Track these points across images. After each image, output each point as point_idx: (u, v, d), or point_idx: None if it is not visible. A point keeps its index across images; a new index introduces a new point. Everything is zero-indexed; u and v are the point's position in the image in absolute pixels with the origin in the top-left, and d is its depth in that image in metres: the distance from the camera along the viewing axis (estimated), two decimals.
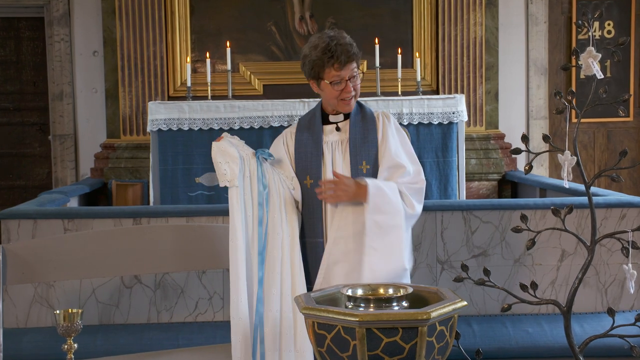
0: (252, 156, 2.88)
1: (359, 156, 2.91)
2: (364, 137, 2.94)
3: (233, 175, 2.80)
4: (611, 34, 6.71)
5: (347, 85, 2.88)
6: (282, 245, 2.85)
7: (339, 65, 2.85)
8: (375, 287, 2.33)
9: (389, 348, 2.06)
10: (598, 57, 2.27)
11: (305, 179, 2.93)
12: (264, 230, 2.84)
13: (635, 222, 4.06)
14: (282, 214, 2.87)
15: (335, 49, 2.84)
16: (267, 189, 2.86)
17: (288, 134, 3.03)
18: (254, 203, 2.85)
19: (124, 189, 5.99)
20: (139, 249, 3.29)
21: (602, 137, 6.87)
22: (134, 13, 6.16)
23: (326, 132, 2.97)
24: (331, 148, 2.95)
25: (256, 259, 2.83)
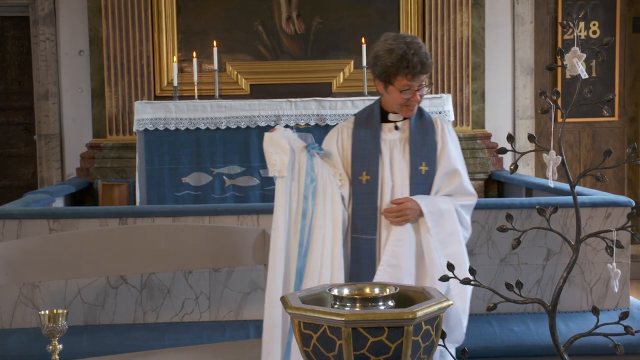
0: (302, 149, 2.91)
1: (419, 157, 2.93)
2: (424, 138, 2.96)
3: (282, 165, 2.83)
4: (596, 34, 6.75)
5: (415, 95, 2.90)
6: (324, 239, 2.86)
7: (412, 76, 2.85)
8: (361, 286, 2.33)
9: (374, 347, 2.06)
10: (583, 57, 2.28)
11: (360, 174, 2.94)
12: (307, 223, 2.86)
13: (619, 221, 4.08)
14: (326, 208, 2.88)
15: (412, 59, 2.84)
16: (315, 183, 2.88)
17: (344, 129, 3.04)
18: (300, 195, 2.87)
19: (110, 189, 5.96)
20: (125, 249, 3.28)
21: (587, 137, 6.90)
22: (120, 12, 6.14)
23: (384, 130, 2.99)
24: (389, 146, 2.97)
25: (296, 250, 2.86)
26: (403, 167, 2.93)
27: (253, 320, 3.98)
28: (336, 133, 3.04)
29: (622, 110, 6.91)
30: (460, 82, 6.27)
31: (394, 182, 2.92)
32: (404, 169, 2.93)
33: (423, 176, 2.91)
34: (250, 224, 4.00)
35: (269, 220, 4.00)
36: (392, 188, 2.92)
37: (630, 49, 6.87)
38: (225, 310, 4.03)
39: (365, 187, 2.92)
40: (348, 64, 6.40)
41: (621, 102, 6.89)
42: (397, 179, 2.93)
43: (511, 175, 2.73)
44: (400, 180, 2.92)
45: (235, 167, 5.56)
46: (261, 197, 5.51)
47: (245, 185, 5.54)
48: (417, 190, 2.91)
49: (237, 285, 4.03)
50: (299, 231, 2.86)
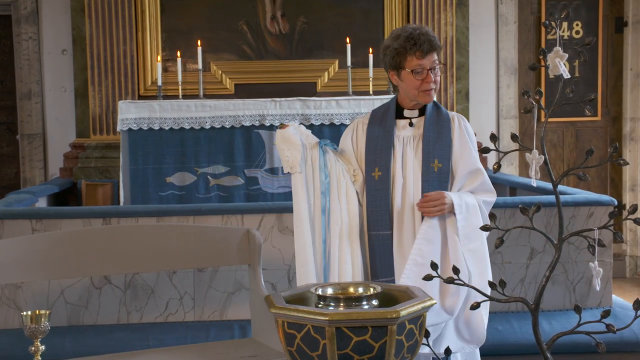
0: (315, 145, 2.91)
1: (432, 154, 2.91)
2: (438, 135, 2.94)
3: (295, 161, 2.84)
4: (579, 34, 6.79)
5: (428, 75, 2.88)
6: (341, 234, 2.87)
7: (420, 53, 2.85)
8: (345, 285, 2.33)
9: (358, 347, 2.06)
10: (565, 57, 2.29)
11: (373, 170, 2.93)
12: (326, 219, 2.87)
13: (602, 220, 4.11)
14: (341, 203, 2.89)
15: (419, 38, 2.85)
16: (328, 179, 2.88)
17: (359, 124, 3.04)
18: (317, 192, 2.88)
19: (93, 189, 5.93)
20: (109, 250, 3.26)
21: (570, 136, 6.94)
22: (103, 11, 6.11)
23: (399, 126, 2.98)
24: (402, 142, 2.96)
25: (320, 247, 2.86)
26: (415, 164, 2.92)
27: (237, 320, 3.98)
28: (352, 129, 3.06)
29: (605, 110, 6.95)
30: (445, 81, 6.29)
31: (406, 178, 2.92)
32: (416, 165, 2.92)
33: (436, 173, 2.90)
34: (235, 224, 4.00)
35: (254, 220, 4.03)
36: (404, 185, 2.91)
37: (612, 49, 6.91)
38: (209, 310, 4.02)
39: (377, 183, 2.92)
40: (333, 64, 6.40)
41: (604, 102, 6.94)
42: (409, 176, 2.92)
43: (495, 174, 2.73)
44: (412, 177, 2.91)
45: (219, 167, 5.55)
46: (246, 197, 5.50)
47: (229, 185, 5.53)
48: (430, 187, 2.89)
49: (222, 285, 4.02)
50: (320, 228, 2.87)
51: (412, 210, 2.90)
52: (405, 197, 2.91)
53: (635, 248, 6.92)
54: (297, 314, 2.10)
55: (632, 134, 6.87)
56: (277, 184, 5.52)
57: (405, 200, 2.90)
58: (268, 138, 5.53)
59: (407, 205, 2.90)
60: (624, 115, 6.90)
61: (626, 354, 3.89)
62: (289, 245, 4.00)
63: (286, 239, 4.00)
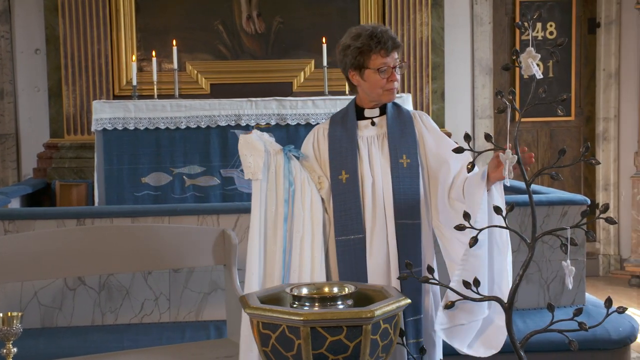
0: (279, 152, 2.86)
1: (399, 150, 2.88)
2: (402, 131, 2.91)
3: (257, 168, 2.78)
4: (553, 34, 6.85)
5: (392, 74, 2.84)
6: (302, 242, 2.81)
7: (385, 52, 2.81)
8: (320, 285, 2.33)
9: (333, 347, 2.07)
10: (537, 58, 2.31)
11: (340, 174, 2.88)
12: (288, 228, 2.82)
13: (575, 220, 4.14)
14: (305, 211, 2.84)
15: (382, 36, 2.81)
16: (293, 186, 2.84)
17: (320, 131, 2.99)
18: (279, 199, 2.82)
19: (68, 190, 5.88)
20: (83, 250, 3.24)
21: (545, 136, 7.00)
22: (77, 10, 6.06)
23: (361, 127, 2.93)
24: (367, 142, 2.92)
25: (280, 256, 2.80)
26: (383, 162, 2.88)
27: (213, 321, 3.96)
28: (312, 135, 3.00)
29: (579, 110, 7.02)
30: (421, 81, 6.31)
31: (375, 177, 2.87)
32: (383, 163, 2.88)
33: (406, 169, 2.86)
34: (211, 224, 3.98)
35: (229, 220, 4.01)
36: (373, 184, 2.87)
37: (585, 49, 6.99)
38: (185, 311, 4.00)
39: (345, 186, 2.86)
40: (309, 64, 6.40)
41: (577, 102, 7.00)
42: (377, 174, 2.87)
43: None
44: (380, 175, 2.87)
45: (195, 167, 5.53)
46: (222, 197, 5.49)
47: (205, 185, 5.51)
48: (401, 183, 2.85)
49: (197, 285, 4.00)
50: (281, 236, 2.81)
51: (383, 210, 2.85)
52: (376, 197, 2.86)
53: (609, 247, 7.00)
54: (272, 314, 2.10)
55: (605, 133, 6.95)
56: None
57: (376, 201, 2.85)
58: None
59: (378, 206, 2.85)
60: (597, 115, 6.98)
61: (599, 351, 3.93)
62: None
63: None
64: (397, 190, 2.84)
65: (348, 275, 2.81)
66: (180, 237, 3.38)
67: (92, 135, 5.71)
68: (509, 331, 2.43)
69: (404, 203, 2.84)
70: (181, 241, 3.36)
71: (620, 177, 6.96)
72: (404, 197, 2.84)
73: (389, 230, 2.84)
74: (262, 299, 2.25)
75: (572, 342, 2.39)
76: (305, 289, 2.29)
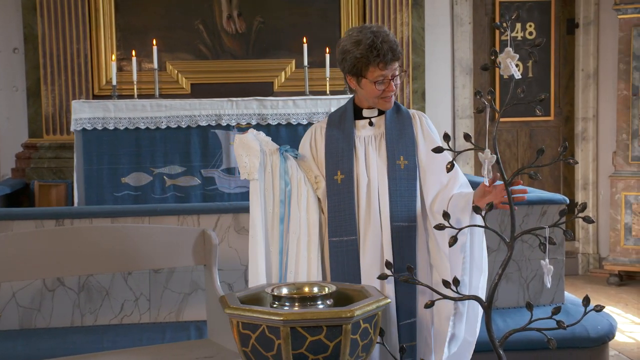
0: (275, 151, 2.83)
1: (397, 151, 2.83)
2: (401, 132, 2.87)
3: (253, 168, 2.75)
4: (532, 35, 6.89)
5: (390, 85, 2.79)
6: (299, 243, 2.79)
7: (384, 65, 2.75)
8: (300, 285, 2.33)
9: (313, 346, 2.07)
10: (516, 58, 2.32)
11: (335, 174, 2.84)
12: (285, 228, 2.80)
13: (555, 219, 4.18)
14: (301, 211, 2.81)
15: (382, 47, 2.73)
16: (289, 186, 2.81)
17: (317, 130, 2.95)
18: (275, 200, 2.80)
19: (47, 190, 5.84)
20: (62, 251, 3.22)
21: (524, 136, 7.05)
22: (55, 9, 6.01)
23: (358, 127, 2.90)
24: (364, 143, 2.88)
25: (276, 257, 2.78)
26: (379, 163, 2.84)
27: (194, 321, 3.95)
28: (309, 134, 2.97)
29: (558, 109, 7.07)
30: (401, 81, 6.32)
31: (370, 178, 2.83)
32: (380, 164, 2.84)
33: (403, 170, 2.82)
34: (191, 224, 3.97)
35: (210, 221, 4.00)
36: (368, 185, 2.83)
37: (564, 50, 7.04)
38: (165, 312, 3.98)
39: (341, 187, 2.82)
40: (289, 64, 6.40)
41: (557, 102, 7.05)
42: (373, 175, 2.83)
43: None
44: (376, 176, 2.83)
45: (176, 167, 5.51)
46: (202, 197, 5.47)
47: (186, 185, 5.49)
48: (397, 185, 2.81)
49: (178, 286, 3.99)
50: (278, 237, 2.79)
51: (378, 211, 2.81)
52: (371, 198, 2.82)
53: (588, 246, 7.05)
54: (252, 314, 2.10)
55: (584, 133, 7.00)
56: (234, 184, 5.50)
57: (371, 202, 2.82)
58: (225, 138, 5.51)
59: (372, 207, 2.82)
60: (576, 115, 7.03)
61: (578, 349, 3.96)
62: (245, 246, 3.95)
63: (243, 239, 3.98)
64: (393, 193, 2.81)
65: (341, 277, 2.78)
66: (160, 237, 3.36)
67: (72, 135, 5.68)
68: (488, 330, 2.44)
69: (400, 205, 2.80)
70: (161, 241, 3.35)
71: (599, 177, 7.02)
72: (400, 200, 2.80)
73: (383, 232, 2.80)
74: (242, 299, 2.25)
75: (551, 341, 2.40)
76: (285, 289, 2.29)
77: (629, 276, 6.63)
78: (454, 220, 2.58)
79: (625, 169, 6.54)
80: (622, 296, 6.13)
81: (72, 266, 3.27)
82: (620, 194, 6.52)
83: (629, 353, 4.71)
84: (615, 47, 6.70)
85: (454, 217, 2.64)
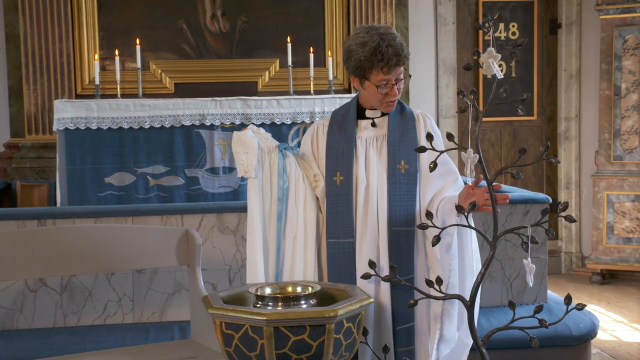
0: (274, 149, 2.79)
1: (398, 155, 2.79)
2: (403, 135, 2.83)
3: (250, 165, 2.70)
4: (516, 35, 6.93)
5: (392, 89, 2.77)
6: (295, 241, 2.76)
7: (388, 69, 2.72)
8: (283, 285, 2.33)
9: (296, 346, 2.07)
10: (498, 58, 2.33)
11: (335, 175, 2.80)
12: (282, 226, 2.76)
13: (538, 218, 4.20)
14: (298, 210, 2.78)
15: (386, 51, 2.70)
16: (287, 184, 2.77)
17: (320, 127, 2.91)
18: (273, 197, 2.76)
19: (29, 190, 5.80)
20: (44, 251, 3.20)
21: (508, 135, 7.08)
22: (37, 8, 5.98)
23: (361, 127, 2.86)
24: (365, 144, 2.83)
25: (274, 255, 2.75)
26: (379, 166, 2.80)
27: (178, 322, 3.94)
28: (312, 131, 2.93)
29: (541, 109, 7.11)
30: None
31: (369, 180, 2.79)
32: (380, 167, 2.80)
33: (403, 175, 2.78)
34: (175, 224, 3.96)
35: (194, 220, 3.99)
36: (367, 188, 2.79)
37: (547, 50, 7.08)
38: (149, 312, 3.97)
39: (339, 189, 2.78)
40: (273, 63, 6.39)
41: (540, 102, 7.09)
42: (373, 178, 2.79)
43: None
44: (376, 180, 2.79)
45: (159, 167, 5.49)
46: (186, 197, 5.45)
47: (169, 185, 5.47)
48: (397, 189, 2.77)
49: (161, 286, 3.98)
50: (275, 235, 2.76)
51: (376, 214, 2.78)
52: (369, 201, 2.78)
53: (570, 244, 7.10)
54: (235, 314, 2.09)
55: (567, 133, 7.04)
56: (217, 184, 5.49)
57: (369, 205, 2.78)
58: (208, 138, 5.49)
59: (370, 210, 2.78)
60: (559, 114, 7.07)
61: (560, 347, 3.99)
62: (229, 246, 3.99)
63: (227, 239, 3.98)
64: (392, 197, 2.77)
65: (337, 279, 2.75)
66: (143, 237, 3.35)
67: (54, 135, 5.64)
68: (472, 329, 2.45)
69: (399, 210, 2.77)
70: (145, 241, 3.34)
71: (581, 176, 7.07)
72: (399, 204, 2.77)
73: (380, 235, 2.77)
74: (226, 299, 2.24)
75: (533, 339, 2.42)
76: (268, 289, 2.29)
77: (611, 275, 6.68)
78: (441, 222, 2.59)
79: (608, 168, 6.58)
80: (604, 294, 6.17)
81: (55, 267, 3.25)
82: (603, 193, 6.57)
83: (611, 351, 4.75)
84: (597, 47, 6.75)
85: (441, 219, 2.64)
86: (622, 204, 6.52)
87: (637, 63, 6.46)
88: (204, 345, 3.22)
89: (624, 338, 5.01)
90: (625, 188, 6.51)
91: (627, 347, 4.82)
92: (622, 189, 6.52)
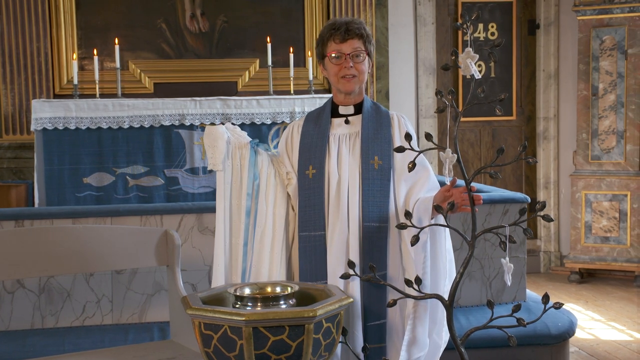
0: (245, 145, 2.83)
1: (371, 151, 2.83)
2: (376, 131, 2.87)
3: (217, 159, 2.75)
4: (495, 35, 6.96)
5: (346, 60, 2.83)
6: (263, 237, 2.79)
7: (339, 39, 2.81)
8: (262, 285, 2.33)
9: (275, 346, 2.07)
10: (475, 58, 2.34)
11: (307, 168, 2.84)
12: (251, 221, 2.79)
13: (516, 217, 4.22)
14: (268, 206, 2.81)
15: (339, 23, 2.84)
16: (258, 180, 2.81)
17: (295, 127, 2.98)
18: (243, 193, 2.80)
19: (6, 191, 5.74)
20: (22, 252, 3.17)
21: (487, 135, 7.11)
22: (14, 7, 5.92)
23: (334, 124, 2.91)
24: (338, 141, 2.88)
25: (241, 249, 2.77)
26: (352, 162, 2.84)
27: (157, 322, 3.92)
28: (287, 132, 2.99)
29: (520, 109, 7.16)
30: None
31: (341, 175, 2.83)
32: (352, 163, 2.84)
33: (377, 171, 2.81)
34: (154, 225, 3.94)
35: (173, 221, 3.98)
36: (339, 182, 2.82)
37: (526, 50, 7.12)
38: (128, 313, 3.95)
39: (311, 182, 2.83)
40: (253, 63, 6.38)
41: (518, 102, 7.14)
42: (344, 173, 2.83)
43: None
44: (347, 175, 2.83)
45: (139, 167, 5.46)
46: (166, 198, 5.43)
47: (149, 185, 5.45)
48: (371, 185, 2.80)
49: (141, 287, 3.96)
50: (243, 230, 2.79)
51: (346, 209, 2.80)
52: (340, 196, 2.81)
53: (549, 244, 7.15)
54: (214, 314, 2.09)
55: (545, 132, 7.10)
56: (197, 184, 5.47)
57: (340, 200, 2.81)
58: (188, 138, 5.48)
59: (341, 204, 2.80)
60: (538, 114, 7.12)
61: (539, 346, 4.01)
62: (209, 246, 3.97)
63: (206, 239, 3.97)
64: (366, 193, 2.80)
65: (308, 272, 2.77)
66: (122, 237, 3.33)
67: (32, 135, 5.60)
68: (450, 328, 2.46)
69: (372, 205, 2.79)
70: (123, 242, 3.32)
71: (560, 176, 7.12)
72: (372, 200, 2.79)
73: (350, 230, 2.78)
74: (205, 300, 2.24)
75: (511, 338, 2.43)
76: (247, 289, 2.29)
77: (589, 274, 6.73)
78: (417, 222, 2.60)
79: (586, 168, 6.64)
80: (582, 293, 6.22)
81: (32, 268, 3.22)
82: (581, 193, 6.62)
83: (589, 349, 4.78)
84: (575, 48, 6.80)
85: (417, 219, 2.66)
86: (599, 203, 6.57)
87: (614, 64, 6.52)
88: (184, 346, 3.21)
89: (602, 336, 5.05)
90: (603, 187, 6.57)
91: (605, 345, 4.86)
92: (599, 188, 6.58)
